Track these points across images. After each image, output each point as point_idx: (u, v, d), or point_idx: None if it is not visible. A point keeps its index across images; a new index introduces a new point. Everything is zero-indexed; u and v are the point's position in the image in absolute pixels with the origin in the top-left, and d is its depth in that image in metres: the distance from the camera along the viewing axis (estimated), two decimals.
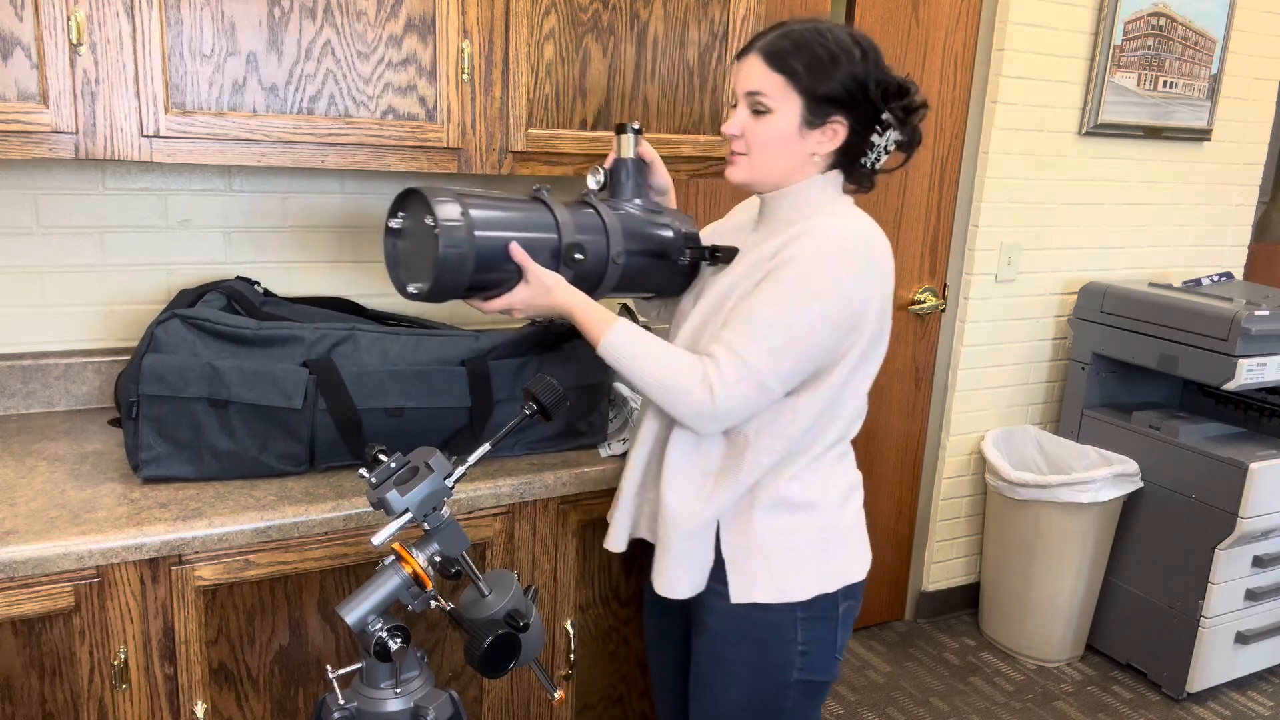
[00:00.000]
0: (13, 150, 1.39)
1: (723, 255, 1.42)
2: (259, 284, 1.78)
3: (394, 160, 1.64)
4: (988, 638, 3.02)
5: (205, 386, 1.43)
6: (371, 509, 1.45)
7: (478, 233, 1.27)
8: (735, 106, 1.36)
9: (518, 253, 1.32)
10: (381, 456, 1.18)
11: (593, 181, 1.49)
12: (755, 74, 1.31)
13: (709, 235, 1.58)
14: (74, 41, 1.38)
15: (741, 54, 1.34)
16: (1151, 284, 2.95)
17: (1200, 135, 3.10)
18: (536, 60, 1.70)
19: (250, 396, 1.45)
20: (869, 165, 1.37)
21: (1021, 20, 2.66)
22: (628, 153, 1.50)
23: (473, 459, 1.20)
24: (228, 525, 1.37)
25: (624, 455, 1.69)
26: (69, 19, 1.38)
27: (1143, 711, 2.69)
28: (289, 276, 1.94)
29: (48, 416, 1.77)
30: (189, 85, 1.47)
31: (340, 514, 1.44)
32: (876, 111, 1.32)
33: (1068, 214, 2.94)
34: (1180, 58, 2.97)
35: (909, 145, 1.37)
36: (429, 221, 1.24)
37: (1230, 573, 2.64)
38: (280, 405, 1.46)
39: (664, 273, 1.48)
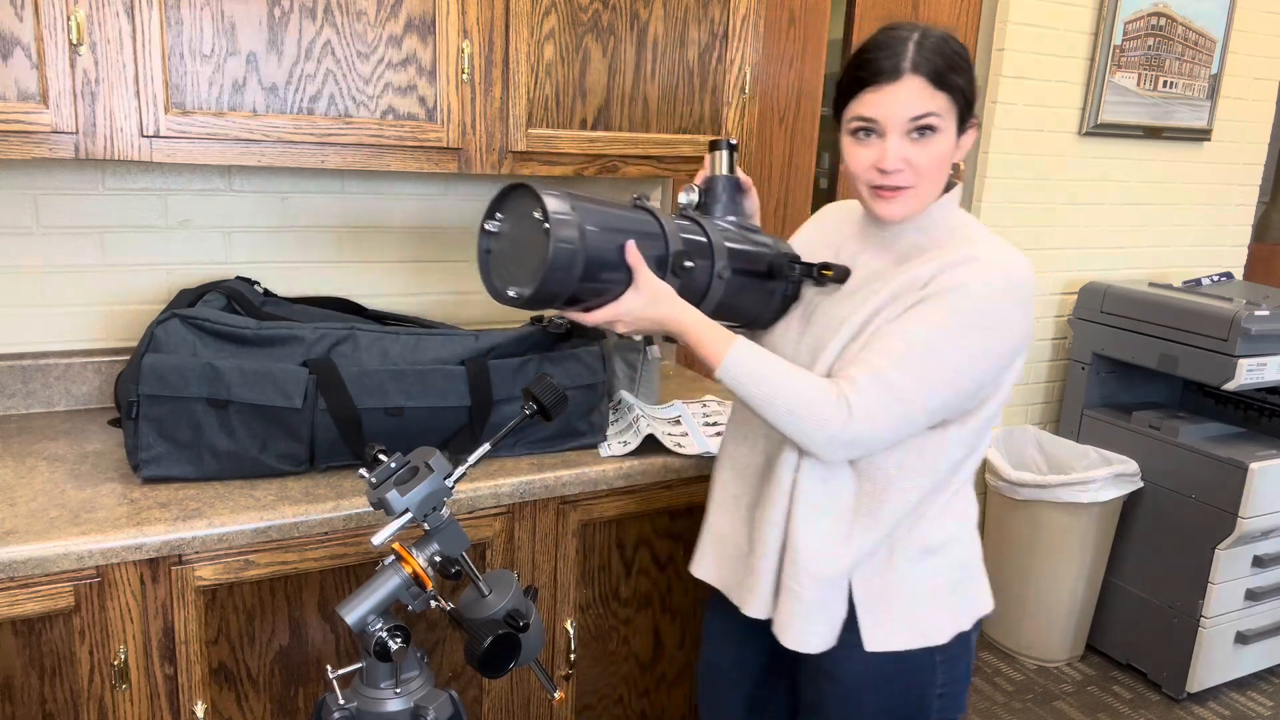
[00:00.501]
0: (13, 150, 1.39)
1: (835, 275, 1.30)
2: (259, 284, 1.78)
3: (394, 160, 1.64)
4: (988, 638, 3.01)
5: (205, 386, 1.43)
6: (371, 509, 1.45)
7: (589, 228, 1.15)
8: (857, 134, 1.22)
9: (632, 254, 1.18)
10: (381, 456, 1.18)
11: (684, 198, 1.39)
12: (921, 96, 1.17)
13: None
14: (74, 41, 1.38)
15: (882, 78, 1.18)
16: (1151, 284, 2.95)
17: (1200, 135, 3.10)
18: (536, 60, 1.70)
19: (250, 396, 1.45)
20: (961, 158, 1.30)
21: (1021, 20, 2.66)
22: (722, 169, 1.41)
23: (473, 459, 1.20)
24: (228, 525, 1.37)
25: (624, 456, 1.69)
26: (69, 19, 1.38)
27: (1143, 711, 2.69)
28: (289, 276, 1.94)
29: (48, 416, 1.77)
30: (189, 85, 1.47)
31: (340, 514, 1.44)
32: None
33: (1068, 214, 2.94)
34: (1180, 58, 2.97)
35: None
36: (537, 215, 1.13)
37: (1230, 573, 2.64)
38: (280, 405, 1.46)
39: (761, 297, 1.35)
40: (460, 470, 1.18)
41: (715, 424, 1.87)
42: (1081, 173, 2.92)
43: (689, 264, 1.25)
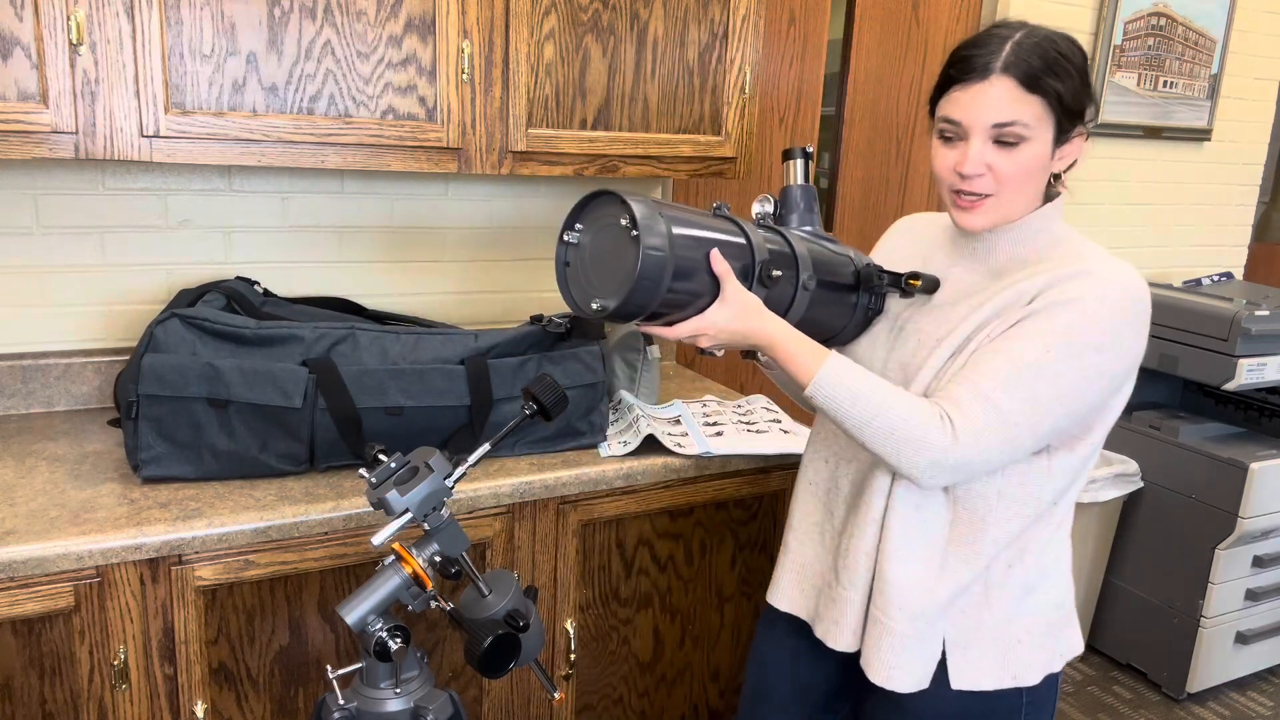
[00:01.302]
0: (13, 150, 1.39)
1: (924, 284, 1.22)
2: (259, 284, 1.78)
3: (394, 160, 1.64)
4: None
5: (205, 386, 1.43)
6: (371, 509, 1.45)
7: (677, 235, 1.09)
8: (945, 139, 1.16)
9: (719, 263, 1.11)
10: (381, 456, 1.18)
11: (759, 208, 1.34)
12: (1008, 101, 1.10)
13: None
14: (74, 41, 1.38)
15: (972, 76, 1.11)
16: (1151, 284, 2.94)
17: (1200, 135, 3.10)
18: (536, 60, 1.70)
19: (250, 396, 1.45)
20: (1065, 169, 1.21)
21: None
22: (797, 179, 1.35)
23: (473, 459, 1.20)
24: (228, 525, 1.37)
25: (624, 456, 1.69)
26: (69, 19, 1.38)
27: (1143, 711, 2.68)
28: (289, 276, 1.94)
29: (48, 416, 1.77)
30: (189, 85, 1.47)
31: (340, 514, 1.44)
32: (1094, 99, 1.16)
33: (1067, 214, 2.93)
34: (1180, 58, 2.97)
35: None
36: (624, 223, 1.08)
37: (1230, 573, 2.64)
38: (280, 404, 1.46)
39: (844, 310, 1.29)
40: (460, 470, 1.18)
41: (715, 424, 1.87)
42: (1081, 173, 2.92)
43: (776, 273, 1.18)
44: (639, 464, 1.67)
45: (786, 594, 1.38)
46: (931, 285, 1.23)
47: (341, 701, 1.20)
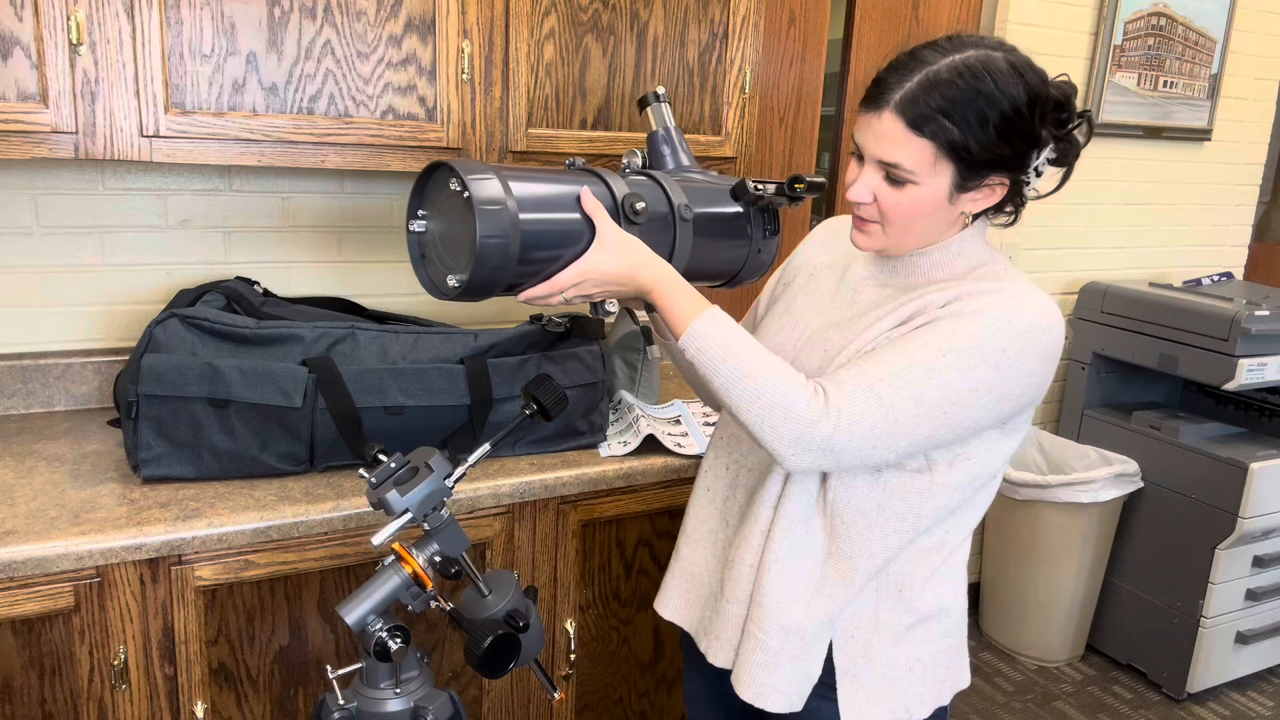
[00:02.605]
0: (13, 150, 1.39)
1: (809, 186, 1.15)
2: (259, 284, 1.78)
3: (394, 160, 1.64)
4: (988, 638, 3.01)
5: (205, 386, 1.43)
6: (371, 509, 1.45)
7: (515, 187, 1.05)
8: (858, 158, 1.11)
9: (589, 200, 1.08)
10: (381, 456, 1.17)
11: (625, 161, 1.31)
12: (893, 140, 1.04)
13: (782, 275, 1.34)
14: (74, 41, 1.38)
15: (869, 104, 1.06)
16: (1151, 284, 2.95)
17: (1200, 135, 3.10)
18: (536, 60, 1.70)
19: (250, 395, 1.45)
20: (1021, 201, 1.14)
21: (1021, 20, 2.66)
22: (661, 123, 1.33)
23: (473, 459, 1.20)
24: (228, 525, 1.37)
25: (624, 456, 1.69)
26: (69, 19, 1.38)
27: (1143, 711, 2.68)
28: (289, 276, 1.94)
29: (48, 416, 1.77)
30: (189, 85, 1.47)
31: (340, 514, 1.44)
32: (1036, 142, 1.07)
33: (1067, 214, 2.94)
34: (1180, 58, 2.97)
35: (1065, 160, 1.11)
36: (455, 187, 1.04)
37: (1230, 573, 2.64)
38: (280, 404, 1.46)
39: (737, 239, 1.23)
40: (460, 470, 1.18)
41: (715, 424, 1.87)
42: (1081, 173, 2.92)
43: (640, 205, 1.13)
44: (639, 464, 1.67)
45: (672, 603, 1.35)
46: (817, 187, 1.16)
47: (341, 701, 1.20)
